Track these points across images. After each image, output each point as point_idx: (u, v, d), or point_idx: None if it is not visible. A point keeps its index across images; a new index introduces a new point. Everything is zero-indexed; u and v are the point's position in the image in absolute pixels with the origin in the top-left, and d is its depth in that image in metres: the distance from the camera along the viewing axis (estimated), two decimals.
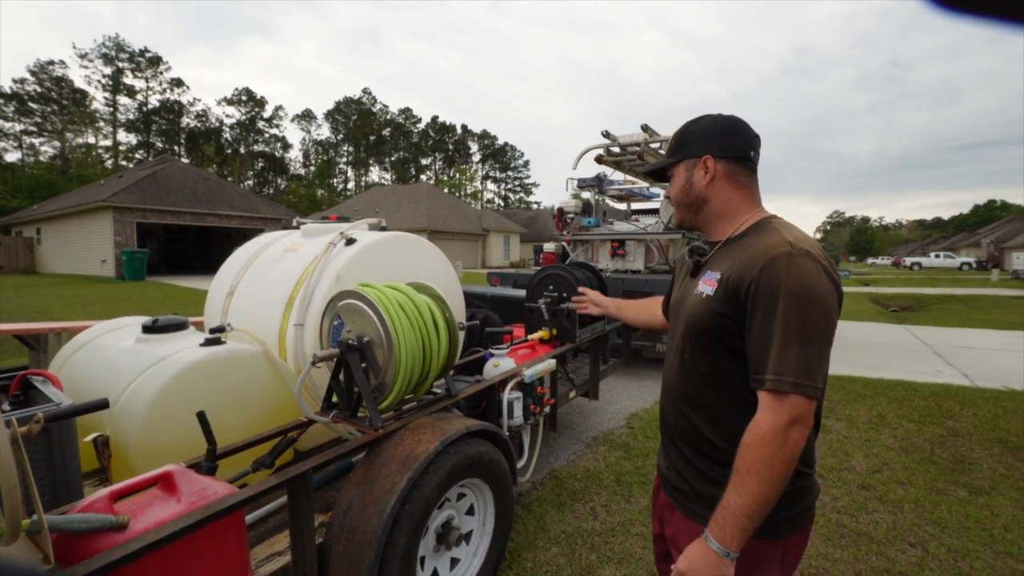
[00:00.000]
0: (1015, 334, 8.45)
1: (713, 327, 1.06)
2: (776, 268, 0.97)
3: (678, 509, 1.19)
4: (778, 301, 0.95)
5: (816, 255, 0.99)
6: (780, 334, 0.95)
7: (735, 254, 1.08)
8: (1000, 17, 0.39)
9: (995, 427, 3.99)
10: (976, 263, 39.45)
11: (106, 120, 57.36)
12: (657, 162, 1.24)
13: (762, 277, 0.97)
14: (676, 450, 1.21)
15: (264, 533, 1.81)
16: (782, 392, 0.93)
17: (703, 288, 1.11)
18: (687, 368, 1.15)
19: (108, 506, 1.25)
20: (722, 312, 1.04)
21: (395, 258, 2.61)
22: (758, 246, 1.03)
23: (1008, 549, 2.44)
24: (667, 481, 1.24)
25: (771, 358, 0.95)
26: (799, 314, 0.94)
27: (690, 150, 1.17)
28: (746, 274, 1.00)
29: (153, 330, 2.16)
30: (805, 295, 0.95)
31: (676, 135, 1.22)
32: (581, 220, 7.14)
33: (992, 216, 76.54)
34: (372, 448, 1.77)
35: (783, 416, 0.92)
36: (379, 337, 1.75)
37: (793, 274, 0.96)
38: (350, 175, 79.43)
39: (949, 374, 5.84)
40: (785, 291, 0.95)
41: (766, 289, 0.97)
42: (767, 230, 1.08)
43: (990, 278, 24.19)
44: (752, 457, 0.93)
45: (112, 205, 18.78)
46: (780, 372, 0.93)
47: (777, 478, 0.92)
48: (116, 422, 1.83)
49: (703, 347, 1.10)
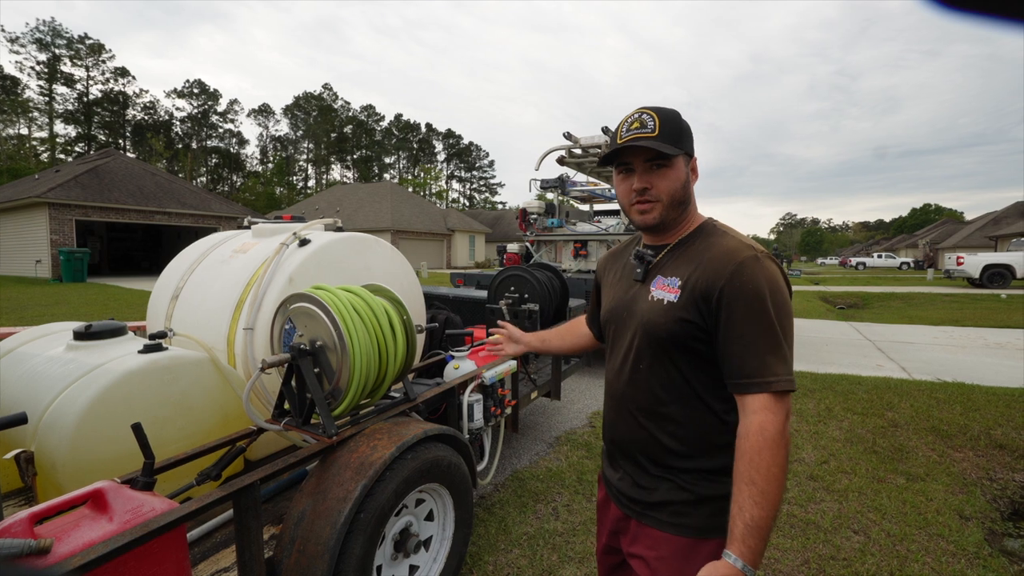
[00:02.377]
0: (947, 329, 9.06)
1: (679, 335, 1.03)
2: (747, 272, 0.98)
3: (635, 519, 1.14)
4: (754, 304, 0.96)
5: (773, 257, 1.03)
6: (763, 336, 0.96)
7: (691, 258, 1.07)
8: (1000, 17, 0.40)
9: (929, 417, 4.26)
10: (914, 263, 42.14)
11: (41, 110, 53.55)
12: (659, 143, 1.03)
13: (734, 282, 0.98)
14: (630, 461, 1.16)
15: (210, 549, 1.72)
16: (778, 392, 0.94)
17: (661, 295, 1.07)
18: (643, 377, 1.11)
19: (28, 529, 1.15)
20: (689, 319, 1.02)
21: (351, 260, 2.54)
22: (718, 251, 1.03)
23: (940, 531, 2.61)
24: (620, 493, 1.19)
25: (758, 360, 0.95)
26: (775, 315, 0.97)
27: (688, 145, 1.08)
28: (715, 280, 0.99)
29: (86, 336, 2.02)
30: (776, 297, 0.98)
31: (673, 122, 1.06)
32: (544, 221, 7.19)
33: (928, 219, 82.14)
34: (326, 456, 1.71)
35: (782, 414, 0.93)
36: (332, 341, 1.69)
37: (764, 277, 0.98)
38: (311, 173, 77.25)
39: (889, 368, 6.20)
40: (759, 294, 0.97)
41: (741, 293, 0.97)
42: (717, 233, 1.09)
43: (926, 277, 25.91)
44: (768, 463, 0.91)
45: (48, 201, 17.53)
46: (773, 373, 0.94)
47: (785, 478, 0.93)
48: (42, 437, 1.69)
49: (665, 355, 1.07)
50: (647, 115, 1.06)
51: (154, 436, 1.55)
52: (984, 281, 17.33)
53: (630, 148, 1.05)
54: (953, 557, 2.40)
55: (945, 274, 19.88)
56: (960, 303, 12.99)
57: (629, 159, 1.09)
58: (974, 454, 3.57)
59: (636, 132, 1.05)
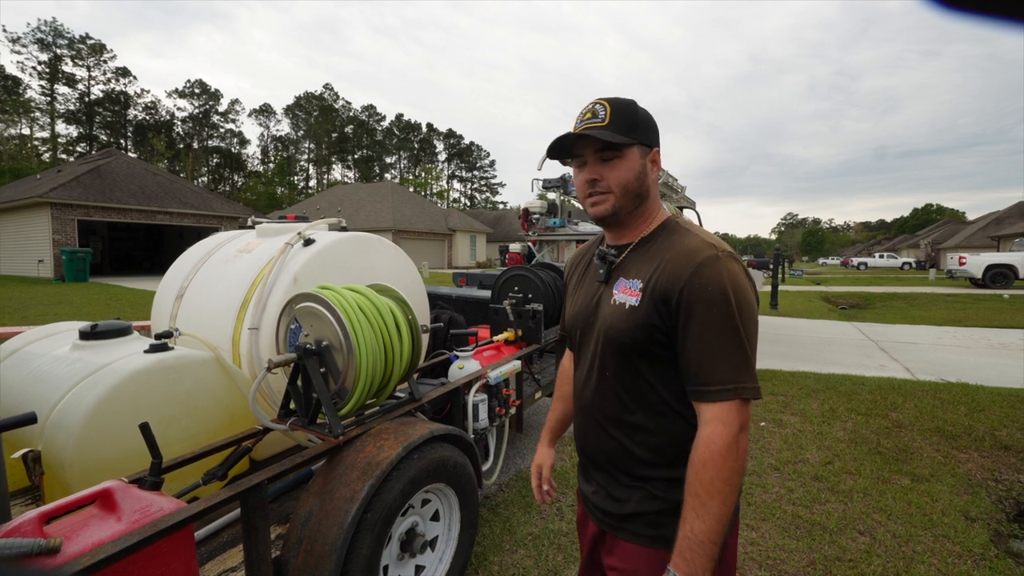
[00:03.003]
0: (951, 330, 9.04)
1: (641, 340, 0.99)
2: (707, 273, 0.93)
3: (610, 532, 1.09)
4: (714, 307, 0.92)
5: (736, 256, 0.98)
6: (720, 341, 0.91)
7: (652, 258, 1.02)
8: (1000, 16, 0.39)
9: (934, 418, 4.25)
10: (916, 263, 42.08)
11: (43, 110, 53.68)
12: (609, 132, 1.00)
13: (694, 283, 0.93)
14: (603, 473, 1.12)
15: (216, 548, 1.72)
16: (731, 400, 0.90)
17: (623, 298, 1.02)
18: (608, 385, 1.06)
19: (38, 528, 1.16)
20: (651, 323, 0.97)
21: (356, 259, 2.54)
22: (679, 250, 0.98)
23: (946, 532, 2.60)
24: (595, 507, 1.14)
25: (712, 366, 0.91)
26: (735, 318, 0.92)
27: (645, 136, 1.04)
28: (675, 281, 0.95)
29: (92, 336, 2.02)
30: (738, 299, 0.93)
31: (627, 111, 1.03)
32: (547, 220, 7.19)
33: (929, 219, 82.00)
34: (332, 456, 1.71)
35: (734, 426, 0.89)
36: (338, 341, 1.69)
37: (724, 278, 0.93)
38: (312, 173, 77.32)
39: (893, 368, 6.18)
40: (720, 296, 0.92)
41: (700, 296, 0.92)
42: (679, 232, 1.04)
43: (928, 277, 25.87)
44: (712, 476, 0.88)
45: (50, 201, 17.56)
46: (724, 380, 0.90)
47: (735, 492, 0.89)
48: (49, 436, 1.70)
49: (629, 361, 1.02)
50: (600, 105, 1.03)
51: (160, 436, 1.55)
52: (987, 281, 17.29)
53: (582, 139, 1.02)
54: (959, 558, 2.39)
55: (947, 274, 19.85)
56: (963, 303, 12.97)
57: (580, 151, 1.05)
58: (979, 455, 3.56)
59: (587, 123, 1.02)
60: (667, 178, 7.62)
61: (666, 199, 7.70)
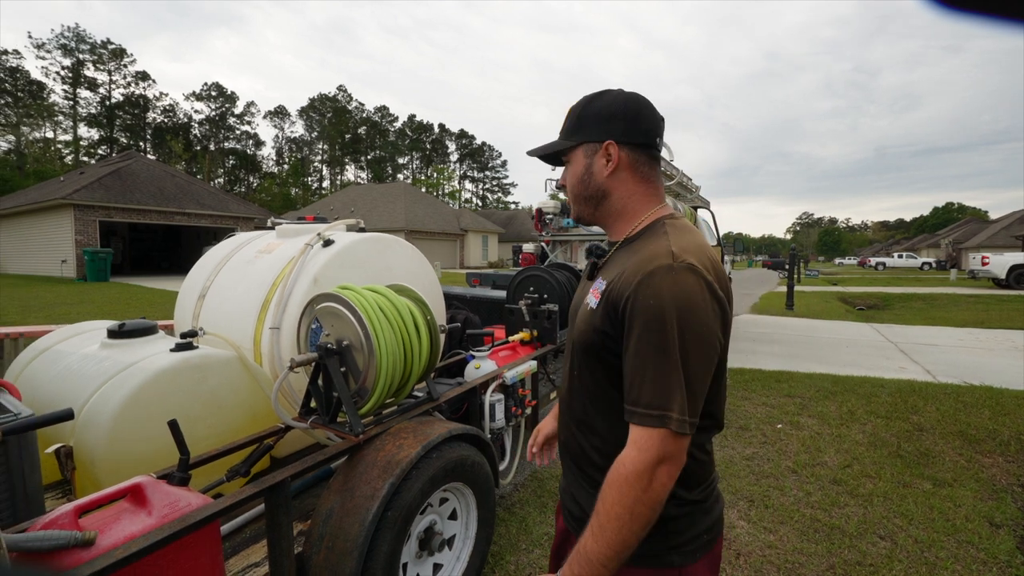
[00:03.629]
0: (973, 331, 8.84)
1: (595, 344, 0.94)
2: (652, 284, 0.84)
3: (574, 534, 1.06)
4: (651, 322, 0.83)
5: (700, 268, 0.86)
6: (652, 360, 0.83)
7: (624, 261, 0.96)
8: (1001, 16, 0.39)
9: (956, 421, 4.16)
10: (936, 263, 41.16)
11: (66, 114, 55.00)
12: (548, 144, 1.01)
13: (638, 294, 0.85)
14: (571, 472, 1.10)
15: (240, 544, 1.75)
16: (650, 427, 0.82)
17: (590, 299, 0.99)
18: (576, 385, 1.04)
19: (73, 521, 1.19)
20: (603, 329, 0.92)
21: (374, 260, 2.57)
22: (641, 255, 0.91)
23: (970, 538, 2.55)
24: (564, 506, 1.13)
25: (640, 387, 0.84)
26: (671, 339, 0.82)
27: (590, 132, 0.99)
28: (625, 289, 0.88)
29: (119, 335, 2.07)
30: (682, 317, 0.82)
31: (574, 112, 1.01)
32: (560, 221, 7.18)
33: (950, 218, 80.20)
34: (352, 454, 1.74)
35: (650, 454, 0.81)
36: (359, 341, 1.71)
37: (669, 291, 0.83)
38: (325, 173, 78.11)
39: (913, 370, 6.07)
40: (658, 312, 0.83)
41: (641, 307, 0.84)
42: (656, 234, 0.95)
43: (949, 277, 25.31)
44: (613, 500, 0.83)
45: (73, 203, 17.99)
46: (649, 404, 0.82)
47: (638, 524, 0.82)
48: (80, 432, 1.74)
49: (589, 364, 0.99)
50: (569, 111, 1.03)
51: (185, 433, 1.58)
52: (1011, 282, 16.86)
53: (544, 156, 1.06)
54: (984, 565, 2.34)
55: (969, 274, 19.40)
56: (986, 304, 12.66)
57: None
58: (1004, 460, 3.48)
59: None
60: (681, 177, 7.57)
61: (680, 199, 7.65)
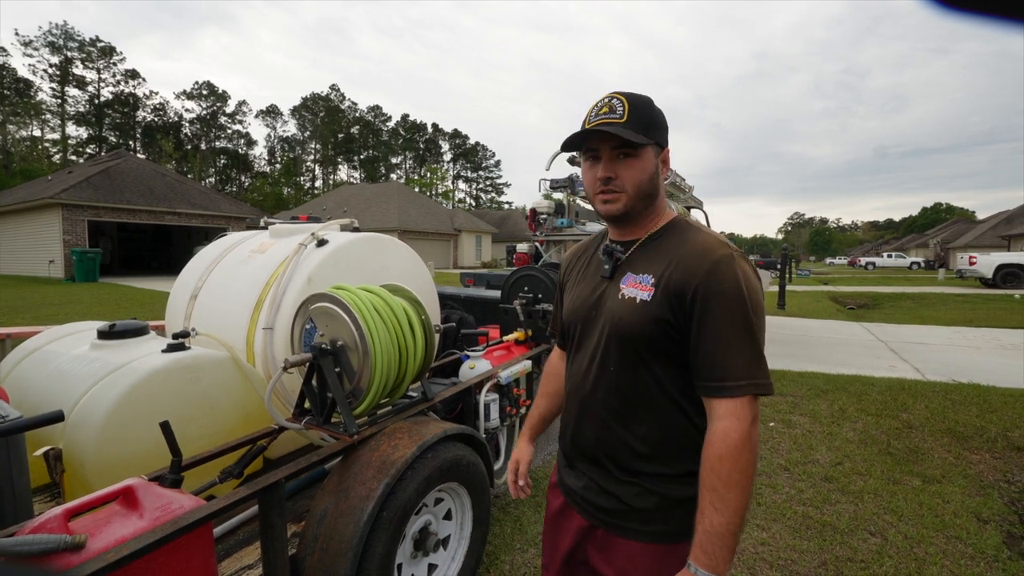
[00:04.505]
0: (961, 330, 8.96)
1: (653, 335, 0.99)
2: (723, 271, 0.95)
3: (603, 528, 1.10)
4: (730, 304, 0.93)
5: (747, 257, 1.00)
6: (734, 337, 0.93)
7: (663, 255, 1.03)
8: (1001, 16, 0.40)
9: (945, 419, 4.22)
10: (924, 263, 41.63)
11: (53, 112, 54.27)
12: (625, 130, 0.98)
13: (710, 280, 0.94)
14: (596, 467, 1.11)
15: (233, 546, 1.74)
16: (746, 396, 0.91)
17: (633, 292, 1.02)
18: (610, 379, 1.06)
19: (63, 525, 1.17)
20: (664, 318, 0.97)
21: (369, 260, 2.56)
22: (693, 247, 1.00)
23: (958, 534, 2.58)
24: (585, 501, 1.13)
25: (726, 363, 0.92)
26: (749, 316, 0.94)
27: (659, 136, 1.03)
28: (690, 277, 0.96)
29: (110, 336, 2.05)
30: (752, 297, 0.95)
31: (641, 111, 1.01)
32: (554, 221, 7.18)
33: (938, 218, 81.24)
34: (347, 455, 1.73)
35: (747, 421, 0.90)
36: (354, 341, 1.71)
37: (739, 277, 0.95)
38: (318, 173, 77.64)
39: (903, 369, 6.14)
40: (736, 294, 0.94)
41: (716, 293, 0.94)
42: (689, 230, 1.05)
43: (937, 277, 25.63)
44: (729, 470, 0.89)
45: (61, 202, 17.77)
46: (738, 376, 0.91)
47: (751, 484, 0.90)
48: (70, 434, 1.72)
49: (636, 356, 1.02)
50: (617, 100, 1.01)
51: (178, 434, 1.57)
52: (997, 281, 17.10)
53: (596, 134, 1.00)
54: (972, 560, 2.38)
55: (957, 274, 19.66)
56: (973, 303, 12.83)
57: (596, 145, 1.03)
58: (991, 456, 3.53)
59: (604, 117, 1.00)
60: (675, 178, 7.60)
61: (674, 199, 7.68)
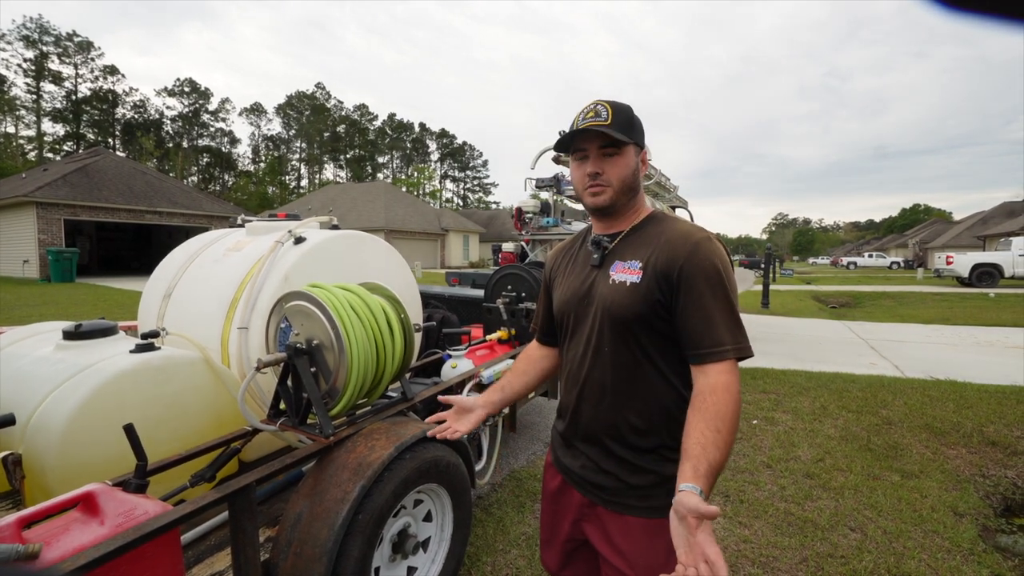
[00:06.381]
0: (939, 328, 9.15)
1: (645, 314, 1.10)
2: (703, 251, 1.08)
3: (602, 505, 1.18)
4: (711, 278, 1.06)
5: (720, 239, 1.14)
6: (718, 308, 1.05)
7: (646, 242, 1.15)
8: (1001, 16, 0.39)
9: (923, 415, 4.29)
10: (904, 262, 42.59)
11: (28, 108, 52.78)
12: (611, 129, 1.11)
13: (692, 260, 1.07)
14: (596, 446, 1.19)
15: (204, 552, 1.68)
16: (732, 358, 1.03)
17: (623, 277, 1.13)
18: (606, 359, 1.15)
19: (16, 534, 1.12)
20: (654, 298, 1.09)
21: (347, 258, 2.51)
22: (674, 233, 1.13)
23: (935, 528, 2.62)
24: (584, 479, 1.22)
25: (714, 331, 1.04)
26: (729, 289, 1.08)
27: (639, 137, 1.17)
28: (674, 258, 1.08)
29: (76, 336, 1.97)
30: (727, 274, 1.09)
31: (624, 114, 1.15)
32: (540, 220, 7.17)
33: (917, 219, 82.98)
34: (323, 457, 1.69)
35: (736, 375, 1.04)
36: (329, 340, 1.66)
37: (717, 255, 1.09)
38: (303, 172, 76.73)
39: (883, 366, 6.24)
40: (715, 271, 1.06)
41: (700, 270, 1.06)
42: (667, 220, 1.19)
43: (916, 276, 26.19)
44: (733, 414, 1.00)
45: (35, 200, 17.29)
46: (729, 342, 1.04)
47: (737, 428, 1.03)
48: (30, 439, 1.65)
49: (629, 335, 1.12)
50: (601, 106, 1.15)
51: (146, 437, 1.51)
52: (973, 280, 17.54)
53: (585, 135, 1.13)
54: (948, 554, 2.41)
55: (935, 273, 20.11)
56: (950, 302, 13.13)
57: (584, 145, 1.16)
58: (967, 451, 3.60)
59: (591, 120, 1.13)
60: (660, 178, 7.64)
61: (659, 198, 7.72)
